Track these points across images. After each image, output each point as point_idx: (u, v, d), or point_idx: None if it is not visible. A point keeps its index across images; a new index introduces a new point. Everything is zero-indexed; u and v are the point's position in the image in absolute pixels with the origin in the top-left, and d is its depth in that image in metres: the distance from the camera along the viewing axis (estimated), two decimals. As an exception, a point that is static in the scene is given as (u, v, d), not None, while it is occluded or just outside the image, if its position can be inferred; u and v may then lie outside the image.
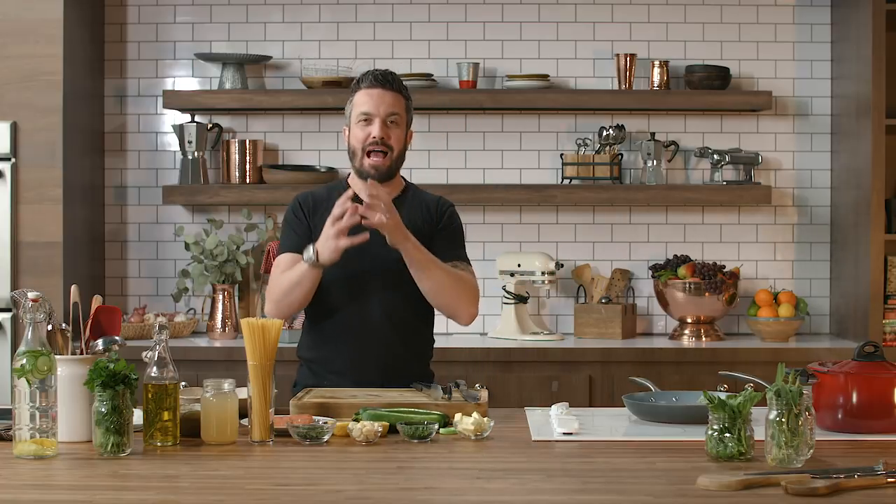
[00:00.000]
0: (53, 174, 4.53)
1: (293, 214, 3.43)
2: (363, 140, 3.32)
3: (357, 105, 3.34)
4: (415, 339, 3.43)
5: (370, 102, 3.32)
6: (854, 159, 4.74)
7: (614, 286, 4.91)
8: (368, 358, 3.33)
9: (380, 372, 3.31)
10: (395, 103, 3.33)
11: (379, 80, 3.33)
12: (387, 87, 3.33)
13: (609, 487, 2.32)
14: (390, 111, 3.32)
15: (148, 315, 4.81)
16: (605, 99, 4.84)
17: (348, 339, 3.35)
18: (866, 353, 2.88)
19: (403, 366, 3.36)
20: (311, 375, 3.41)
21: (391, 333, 3.35)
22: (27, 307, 2.60)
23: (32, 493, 2.30)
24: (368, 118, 3.32)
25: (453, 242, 3.43)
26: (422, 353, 3.47)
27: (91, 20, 4.87)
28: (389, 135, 3.32)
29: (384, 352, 3.34)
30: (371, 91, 3.33)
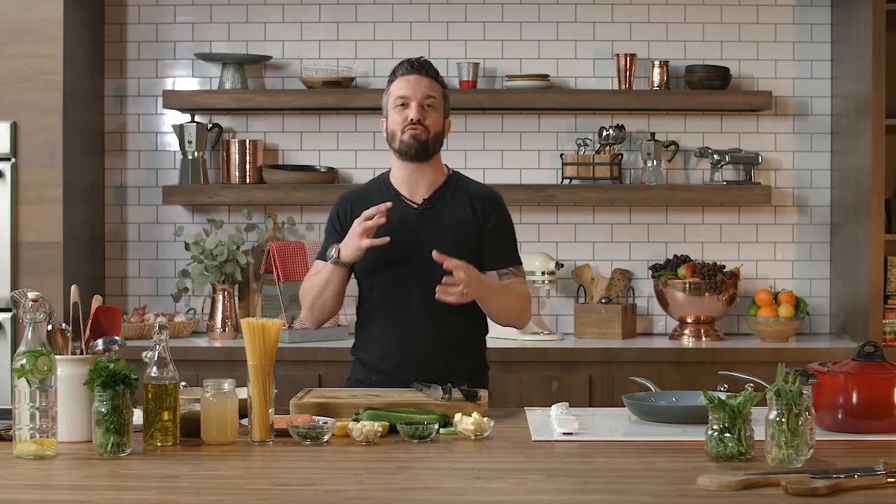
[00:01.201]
0: (53, 174, 4.53)
1: (331, 220, 3.47)
2: (401, 122, 3.33)
3: (393, 92, 3.36)
4: (461, 336, 3.41)
5: (406, 87, 3.34)
6: (854, 159, 4.74)
7: (614, 286, 4.91)
8: (413, 357, 3.32)
9: (425, 371, 3.27)
10: (431, 87, 3.36)
11: (415, 66, 3.36)
12: (422, 73, 3.36)
13: (609, 487, 2.32)
14: (426, 94, 3.34)
15: (148, 315, 4.81)
16: (605, 99, 4.84)
17: (394, 341, 3.33)
18: (866, 353, 2.88)
19: (450, 363, 3.35)
20: (362, 370, 3.42)
21: (435, 333, 3.34)
22: (27, 307, 2.60)
23: (32, 493, 2.30)
24: (405, 102, 3.33)
25: (506, 246, 3.42)
26: (469, 349, 3.45)
27: (91, 20, 4.87)
28: (426, 116, 3.33)
29: (429, 351, 3.34)
30: (407, 77, 3.35)
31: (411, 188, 3.40)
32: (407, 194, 3.39)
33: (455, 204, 3.39)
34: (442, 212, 3.38)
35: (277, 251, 4.71)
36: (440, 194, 3.39)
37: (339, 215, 3.43)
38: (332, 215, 3.47)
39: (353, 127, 5.00)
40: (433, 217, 3.37)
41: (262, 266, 4.77)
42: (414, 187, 3.40)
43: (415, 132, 3.32)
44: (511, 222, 3.48)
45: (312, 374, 4.43)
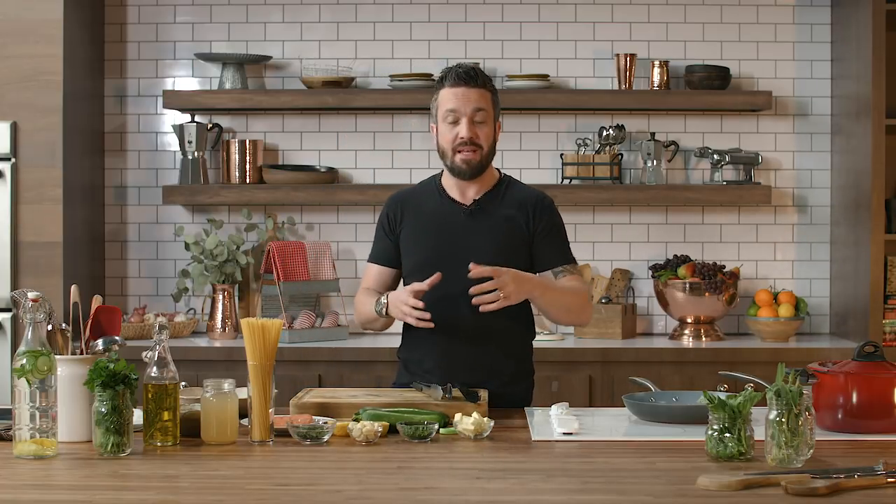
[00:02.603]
0: (53, 174, 4.53)
1: (381, 222, 3.46)
2: (452, 140, 3.30)
3: (443, 103, 3.32)
4: (508, 337, 3.38)
5: (455, 100, 3.29)
6: (854, 159, 4.74)
7: (614, 286, 4.91)
8: (458, 359, 3.30)
9: (470, 371, 3.26)
10: (480, 100, 3.30)
11: (462, 77, 3.30)
12: (471, 84, 3.30)
13: (609, 487, 2.32)
14: (476, 107, 3.29)
15: (148, 315, 4.81)
16: (605, 99, 4.84)
17: (439, 341, 3.30)
18: (866, 353, 2.88)
19: (496, 364, 3.34)
20: (406, 374, 3.40)
21: (481, 333, 3.31)
22: (27, 307, 2.60)
23: (32, 493, 2.30)
24: (455, 117, 3.29)
25: (559, 246, 3.40)
26: (516, 352, 3.42)
27: (91, 20, 4.87)
28: (477, 133, 3.30)
29: (475, 351, 3.32)
30: (455, 90, 3.30)
31: (462, 192, 3.38)
32: (458, 197, 3.38)
33: (504, 206, 3.37)
34: (491, 213, 3.36)
35: (277, 251, 4.71)
36: (490, 196, 3.38)
37: (388, 217, 3.43)
38: (382, 216, 3.46)
39: (353, 127, 5.00)
40: (482, 218, 3.35)
41: (262, 266, 4.77)
42: (465, 191, 3.38)
43: (466, 157, 3.29)
44: (562, 223, 3.43)
45: (312, 374, 4.43)
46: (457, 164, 3.31)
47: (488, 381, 3.25)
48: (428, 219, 3.38)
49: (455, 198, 3.38)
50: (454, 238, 3.33)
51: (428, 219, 3.38)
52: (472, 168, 3.31)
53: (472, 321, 3.28)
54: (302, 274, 4.77)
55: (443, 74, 3.35)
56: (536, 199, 3.41)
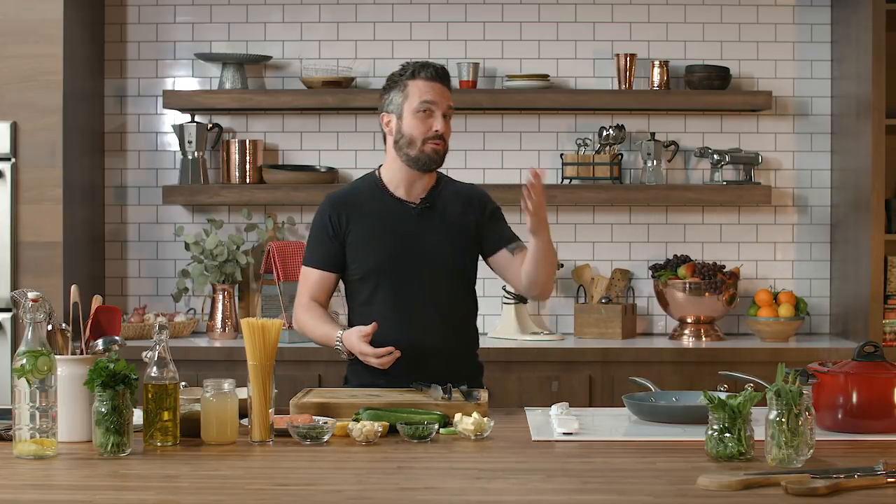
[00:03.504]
0: (53, 174, 4.53)
1: (324, 224, 3.42)
2: (424, 132, 3.32)
3: (416, 95, 3.33)
4: (465, 333, 3.45)
5: (433, 93, 3.33)
6: (854, 159, 4.74)
7: (614, 286, 4.91)
8: (423, 354, 3.31)
9: (432, 368, 3.28)
10: (450, 98, 3.38)
11: (439, 73, 3.36)
12: (445, 82, 3.36)
13: (609, 487, 2.32)
14: (449, 105, 3.36)
15: (148, 315, 4.81)
16: (605, 99, 4.84)
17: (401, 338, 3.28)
18: (866, 353, 2.88)
19: (455, 360, 3.37)
20: (365, 373, 3.35)
21: (438, 329, 3.34)
22: (27, 307, 2.60)
23: (32, 493, 2.30)
24: (430, 109, 3.32)
25: (506, 228, 3.47)
26: (472, 345, 3.49)
27: (91, 20, 4.87)
28: (447, 129, 3.35)
29: (438, 347, 3.34)
30: (433, 84, 3.33)
31: (409, 188, 3.40)
32: (403, 195, 3.40)
33: (449, 203, 3.42)
34: (439, 210, 3.40)
35: (277, 251, 4.70)
36: (435, 193, 3.41)
37: (331, 219, 3.40)
38: (321, 219, 3.43)
39: (353, 127, 5.00)
40: (431, 215, 3.39)
41: (262, 266, 4.77)
42: (412, 188, 3.40)
43: (438, 147, 3.33)
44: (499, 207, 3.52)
45: (312, 374, 4.43)
46: (427, 153, 3.33)
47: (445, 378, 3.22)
48: (377, 221, 3.37)
49: (401, 196, 3.39)
50: (407, 239, 3.35)
51: (377, 221, 3.37)
52: (439, 158, 3.36)
53: (436, 317, 3.33)
54: (302, 274, 4.76)
55: (413, 68, 3.36)
56: (474, 192, 3.50)
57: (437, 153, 3.34)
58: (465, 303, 3.44)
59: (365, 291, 3.40)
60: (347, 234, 3.39)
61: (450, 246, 3.37)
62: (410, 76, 3.35)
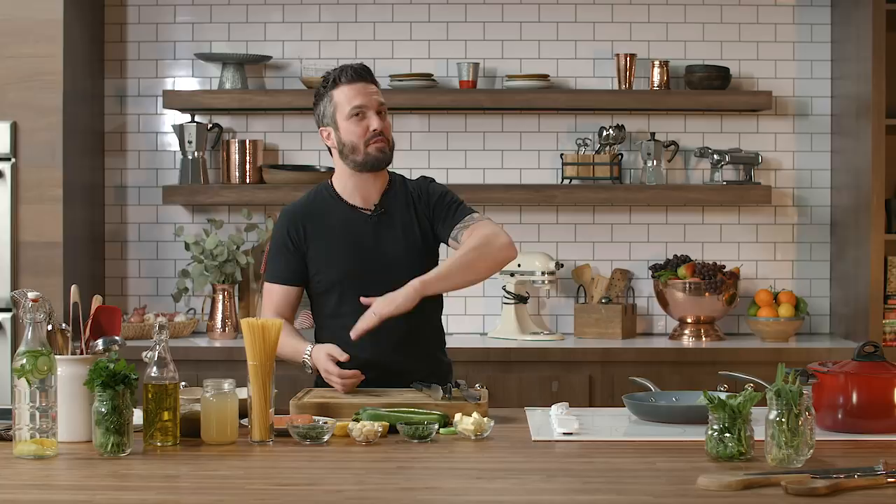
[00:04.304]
0: (53, 174, 4.53)
1: (284, 239, 3.37)
2: (362, 134, 3.28)
3: (344, 101, 3.28)
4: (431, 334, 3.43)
5: (360, 96, 3.28)
6: (854, 159, 4.74)
7: (614, 286, 4.91)
8: (385, 354, 3.30)
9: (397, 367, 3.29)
10: (379, 94, 3.33)
11: (361, 73, 3.30)
12: (368, 79, 3.32)
13: (609, 487, 2.32)
14: (380, 101, 3.31)
15: (148, 315, 4.81)
16: (605, 99, 4.84)
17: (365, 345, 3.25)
18: (866, 353, 2.88)
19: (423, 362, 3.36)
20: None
21: (407, 331, 3.31)
22: (27, 307, 2.60)
23: (32, 493, 2.30)
24: (362, 111, 3.28)
25: (452, 206, 3.38)
26: (439, 345, 3.47)
27: (91, 20, 4.87)
28: (384, 126, 3.31)
29: (403, 350, 3.32)
30: (356, 86, 3.28)
31: (363, 195, 3.36)
32: (358, 202, 3.36)
33: (403, 204, 3.37)
34: (394, 215, 3.36)
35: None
36: (389, 198, 3.37)
37: (290, 233, 3.36)
38: (280, 233, 3.38)
39: (353, 127, 5.00)
40: (387, 221, 3.35)
41: (262, 266, 4.77)
42: (366, 194, 3.36)
43: (380, 145, 3.29)
44: (447, 190, 3.42)
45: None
46: (372, 154, 3.28)
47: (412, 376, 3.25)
48: (335, 232, 3.34)
49: (356, 204, 3.36)
50: (366, 248, 3.31)
51: (335, 232, 3.34)
52: (385, 157, 3.31)
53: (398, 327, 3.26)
54: (302, 274, 4.76)
55: (333, 76, 3.31)
56: (418, 187, 3.42)
57: (382, 151, 3.29)
58: (430, 304, 3.34)
59: (331, 303, 3.36)
60: (308, 247, 3.35)
61: (408, 250, 3.33)
62: (332, 85, 3.31)
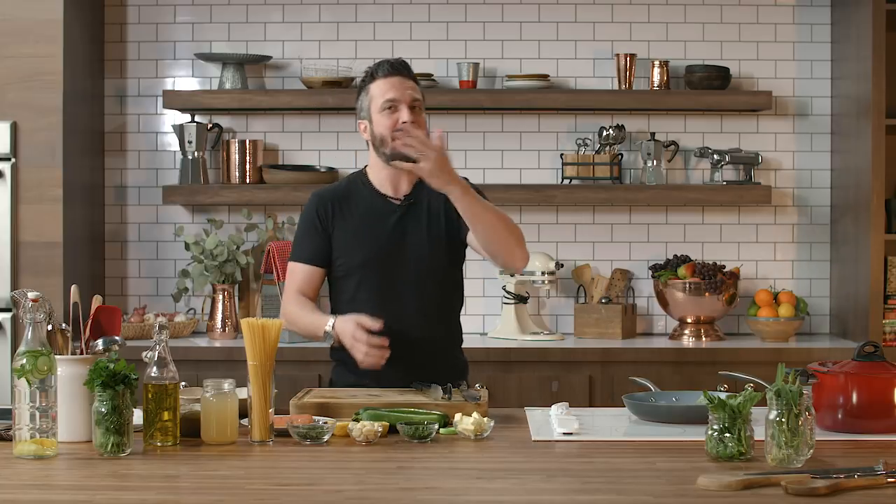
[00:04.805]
0: (53, 174, 4.53)
1: (312, 219, 3.41)
2: (391, 126, 3.31)
3: (378, 95, 3.32)
4: (449, 329, 3.45)
5: (393, 90, 3.30)
6: (854, 159, 4.74)
7: (614, 286, 4.91)
8: (405, 351, 3.29)
9: (417, 364, 3.30)
10: (415, 89, 3.34)
11: (397, 68, 3.33)
12: (405, 74, 3.34)
13: (609, 487, 2.32)
14: (414, 96, 3.32)
15: (148, 315, 4.81)
16: (605, 99, 4.84)
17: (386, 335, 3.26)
18: (866, 353, 2.88)
19: (440, 357, 3.39)
20: (347, 373, 3.37)
21: (425, 325, 3.35)
22: (27, 307, 2.60)
23: (32, 493, 2.30)
24: (394, 105, 3.30)
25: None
26: (457, 341, 3.49)
27: (91, 20, 4.87)
28: (416, 120, 3.31)
29: (420, 344, 3.34)
30: (391, 79, 3.32)
31: (394, 186, 3.40)
32: (389, 192, 3.40)
33: (432, 196, 3.36)
34: (422, 204, 3.39)
35: (277, 251, 4.70)
36: (419, 187, 3.39)
37: (318, 214, 3.39)
38: (309, 214, 3.42)
39: (353, 127, 4.99)
40: (414, 211, 3.38)
41: (262, 266, 4.77)
42: (396, 185, 3.40)
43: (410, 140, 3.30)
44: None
45: (312, 374, 4.43)
46: (398, 147, 3.27)
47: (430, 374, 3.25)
48: (362, 218, 3.37)
49: (387, 193, 3.39)
50: (392, 236, 3.35)
51: (362, 218, 3.37)
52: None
53: (419, 315, 3.32)
54: (302, 274, 4.76)
55: (371, 70, 3.35)
56: None
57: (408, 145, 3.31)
58: (450, 298, 3.42)
59: (349, 288, 3.39)
60: (333, 228, 3.39)
61: (434, 240, 3.36)
62: (370, 79, 3.35)
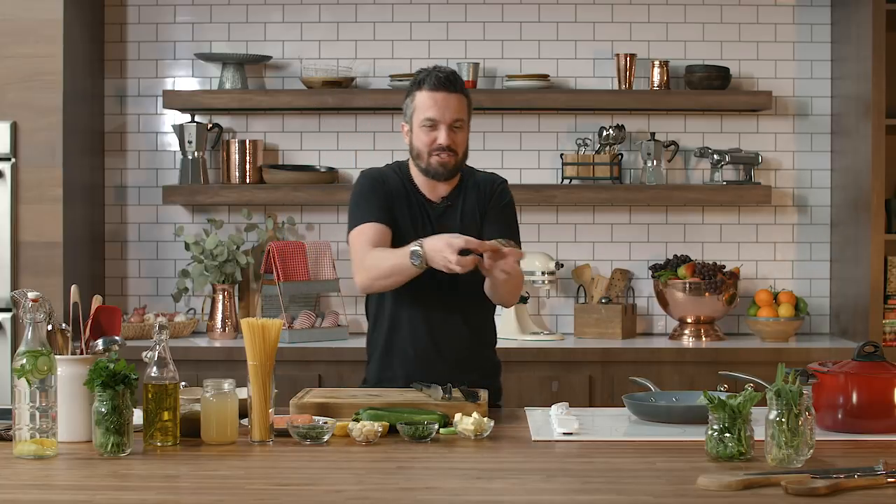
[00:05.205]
0: (53, 174, 4.53)
1: (371, 187, 3.35)
2: (429, 144, 3.29)
3: (421, 108, 3.29)
4: (483, 329, 3.44)
5: (435, 108, 3.27)
6: (854, 159, 4.74)
7: (614, 286, 4.91)
8: (442, 351, 3.32)
9: (453, 364, 3.31)
10: (459, 108, 3.29)
11: (443, 82, 3.28)
12: (451, 89, 3.29)
13: (609, 487, 2.32)
14: (455, 117, 3.28)
15: (148, 315, 4.81)
16: (605, 99, 4.84)
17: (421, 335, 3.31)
18: (866, 353, 2.88)
19: (474, 356, 3.39)
20: (380, 371, 3.38)
21: (462, 326, 3.35)
22: (27, 307, 2.60)
23: (32, 493, 2.30)
24: (433, 124, 3.28)
25: (504, 224, 3.38)
26: (490, 342, 3.48)
27: (91, 20, 4.87)
28: (455, 140, 3.29)
29: (457, 344, 3.35)
30: (435, 95, 3.27)
31: (431, 189, 3.39)
32: (427, 193, 3.39)
33: (468, 200, 3.39)
34: (458, 208, 3.38)
35: (277, 251, 4.71)
36: (456, 193, 3.39)
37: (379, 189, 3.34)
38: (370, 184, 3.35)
39: (353, 127, 5.00)
40: (451, 214, 3.37)
41: (262, 266, 4.77)
42: (434, 188, 3.39)
43: (443, 161, 3.30)
44: (512, 204, 3.43)
45: (312, 374, 4.43)
46: (433, 166, 3.31)
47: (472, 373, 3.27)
48: (401, 214, 3.36)
49: (425, 194, 3.38)
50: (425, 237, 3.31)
51: (401, 214, 3.36)
52: (447, 171, 3.32)
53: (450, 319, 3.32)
54: (302, 274, 4.77)
55: (421, 77, 3.31)
56: (488, 181, 3.44)
57: (443, 166, 3.30)
58: (483, 300, 3.40)
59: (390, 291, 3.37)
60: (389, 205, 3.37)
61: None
62: (417, 86, 3.31)
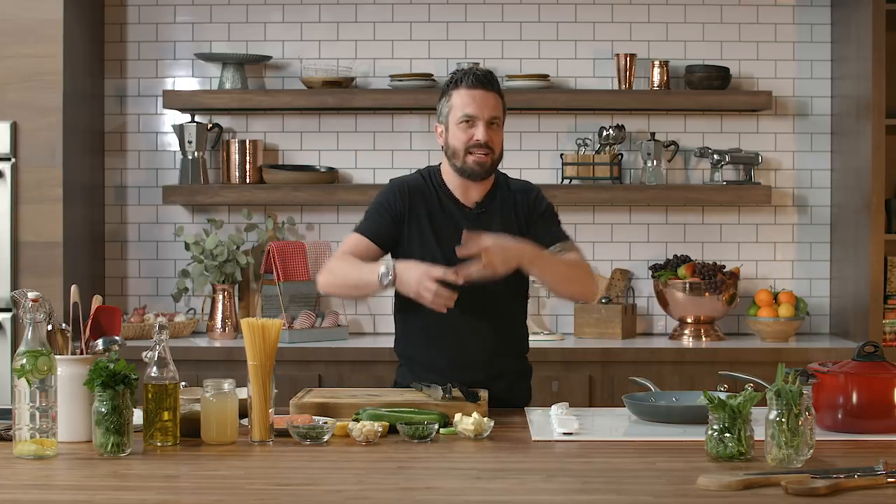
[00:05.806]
0: (53, 174, 4.53)
1: (389, 201, 3.35)
2: (466, 141, 3.28)
3: (458, 106, 3.29)
4: (514, 335, 3.44)
5: (473, 105, 3.27)
6: (854, 159, 4.74)
7: (614, 286, 4.91)
8: (472, 357, 3.31)
9: (483, 370, 3.30)
10: (496, 105, 3.30)
11: (480, 80, 3.29)
12: (488, 88, 3.29)
13: (609, 487, 2.32)
14: (493, 114, 3.29)
15: (148, 315, 4.81)
16: (605, 99, 4.84)
17: (452, 340, 3.30)
18: (866, 353, 2.88)
19: (505, 363, 3.39)
20: (410, 375, 3.37)
21: (492, 333, 3.34)
22: (27, 307, 2.60)
23: (32, 493, 2.30)
24: (471, 121, 3.28)
25: (550, 227, 3.39)
26: (520, 348, 3.48)
27: (91, 20, 4.87)
28: (492, 137, 3.29)
29: (488, 351, 3.34)
30: (473, 92, 3.28)
31: (465, 192, 3.37)
32: (461, 198, 3.37)
33: (503, 207, 3.38)
34: (492, 215, 3.36)
35: (277, 251, 4.71)
36: (490, 198, 3.38)
37: (395, 202, 3.35)
38: (386, 198, 3.36)
39: (353, 127, 5.00)
40: (485, 221, 3.35)
41: (262, 266, 4.77)
42: (467, 192, 3.37)
43: (481, 160, 3.28)
44: (551, 206, 3.44)
45: (312, 374, 4.43)
46: (469, 165, 3.30)
47: (499, 380, 3.30)
48: (433, 219, 3.35)
49: (459, 198, 3.37)
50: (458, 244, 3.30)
51: (433, 219, 3.35)
52: (484, 170, 3.31)
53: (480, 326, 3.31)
54: (302, 274, 4.77)
55: (458, 77, 3.32)
56: (524, 190, 3.43)
57: (480, 164, 3.29)
58: (515, 308, 3.41)
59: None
60: (407, 223, 3.35)
61: None
62: (454, 86, 3.31)
